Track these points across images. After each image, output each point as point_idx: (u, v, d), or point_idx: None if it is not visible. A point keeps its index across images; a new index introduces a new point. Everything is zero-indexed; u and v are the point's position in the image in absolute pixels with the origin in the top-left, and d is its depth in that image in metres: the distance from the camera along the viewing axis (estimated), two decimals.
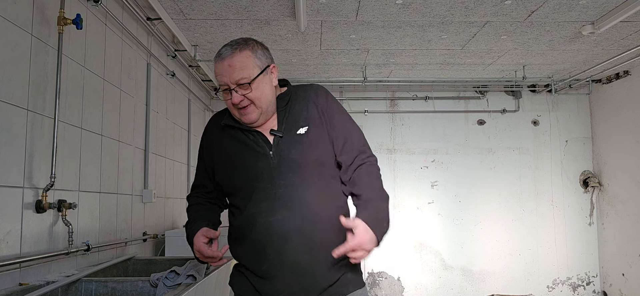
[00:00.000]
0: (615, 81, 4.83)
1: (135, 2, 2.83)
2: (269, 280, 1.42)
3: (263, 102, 1.42)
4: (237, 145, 1.49)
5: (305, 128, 1.44)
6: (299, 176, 1.40)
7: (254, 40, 1.47)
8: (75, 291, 1.93)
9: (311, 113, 1.46)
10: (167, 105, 3.58)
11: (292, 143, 1.42)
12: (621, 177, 4.81)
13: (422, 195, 5.23)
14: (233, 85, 1.40)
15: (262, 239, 1.41)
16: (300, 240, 1.38)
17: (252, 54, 1.41)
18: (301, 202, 1.39)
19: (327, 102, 1.49)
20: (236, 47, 1.41)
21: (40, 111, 1.90)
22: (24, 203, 1.80)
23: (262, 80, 1.42)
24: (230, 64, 1.40)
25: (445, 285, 5.15)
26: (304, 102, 1.48)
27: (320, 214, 1.41)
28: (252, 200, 1.43)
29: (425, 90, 5.24)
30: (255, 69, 1.41)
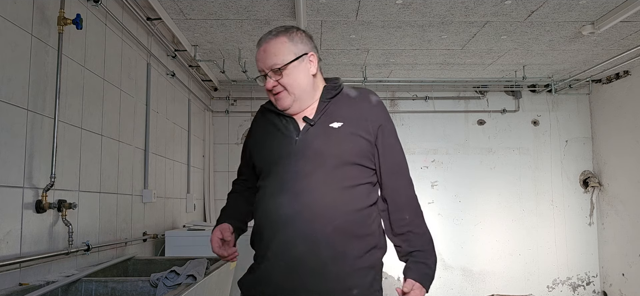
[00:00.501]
0: (615, 81, 4.83)
1: (135, 2, 2.83)
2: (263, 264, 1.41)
3: (296, 89, 1.42)
4: (269, 128, 1.51)
5: (340, 124, 1.40)
6: (314, 165, 1.37)
7: (296, 28, 1.47)
8: (75, 291, 1.93)
9: (353, 114, 1.43)
10: (167, 105, 3.58)
11: (320, 134, 1.40)
12: (621, 177, 4.81)
13: (422, 195, 5.22)
14: (267, 70, 1.42)
15: (262, 221, 1.42)
16: (298, 229, 1.33)
17: (288, 41, 1.42)
18: (307, 190, 1.35)
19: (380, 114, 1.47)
20: (274, 33, 1.44)
21: (40, 111, 1.90)
22: (24, 203, 1.80)
23: (296, 67, 1.42)
24: (265, 50, 1.42)
25: (445, 285, 5.15)
26: (351, 102, 1.46)
27: (328, 209, 1.34)
28: (266, 182, 1.44)
29: (425, 90, 5.24)
30: (289, 55, 1.41)
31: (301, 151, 1.39)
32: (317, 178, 1.36)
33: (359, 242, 1.38)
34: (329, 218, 1.34)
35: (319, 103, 1.45)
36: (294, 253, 1.34)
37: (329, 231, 1.33)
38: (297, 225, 1.34)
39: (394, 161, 1.48)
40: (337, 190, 1.36)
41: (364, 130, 1.41)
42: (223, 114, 5.10)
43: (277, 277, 1.37)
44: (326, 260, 1.33)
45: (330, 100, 1.46)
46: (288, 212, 1.35)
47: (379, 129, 1.44)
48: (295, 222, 1.34)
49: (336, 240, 1.34)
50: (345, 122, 1.40)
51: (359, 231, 1.38)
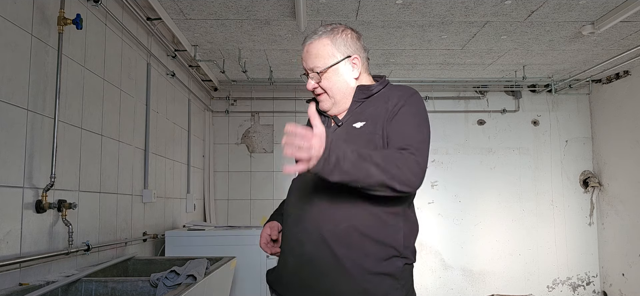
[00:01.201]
0: (615, 81, 4.83)
1: (135, 2, 2.83)
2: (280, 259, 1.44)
3: (335, 93, 1.41)
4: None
5: (363, 123, 1.36)
6: None
7: (343, 27, 1.44)
8: (75, 291, 1.93)
9: (378, 112, 1.36)
10: (167, 105, 3.58)
11: (343, 134, 1.38)
12: (621, 177, 4.81)
13: (422, 195, 5.23)
14: (309, 71, 1.42)
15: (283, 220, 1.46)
16: (307, 227, 1.32)
17: (330, 43, 1.40)
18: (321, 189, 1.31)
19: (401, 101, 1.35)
20: (319, 33, 1.42)
21: (40, 111, 1.90)
22: (24, 203, 1.80)
23: (336, 71, 1.40)
24: (308, 50, 1.42)
25: (445, 285, 5.15)
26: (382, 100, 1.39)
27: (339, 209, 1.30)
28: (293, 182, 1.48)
29: (425, 90, 5.24)
30: (330, 59, 1.40)
31: None
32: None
33: (375, 247, 1.30)
34: (340, 218, 1.30)
35: (351, 104, 1.43)
36: (302, 251, 1.33)
37: (340, 231, 1.29)
38: (308, 223, 1.33)
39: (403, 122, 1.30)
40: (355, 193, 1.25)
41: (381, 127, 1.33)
42: (223, 114, 5.10)
43: (288, 273, 1.38)
44: (334, 260, 1.29)
45: (363, 101, 1.42)
46: (301, 210, 1.36)
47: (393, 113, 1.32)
48: (304, 221, 1.34)
49: (347, 241, 1.29)
50: (368, 121, 1.36)
51: (375, 235, 1.30)
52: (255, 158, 5.07)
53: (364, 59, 1.46)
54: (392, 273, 1.32)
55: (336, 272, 1.29)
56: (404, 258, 1.35)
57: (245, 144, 5.09)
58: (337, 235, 1.30)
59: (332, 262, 1.30)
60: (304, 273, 1.34)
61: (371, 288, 1.29)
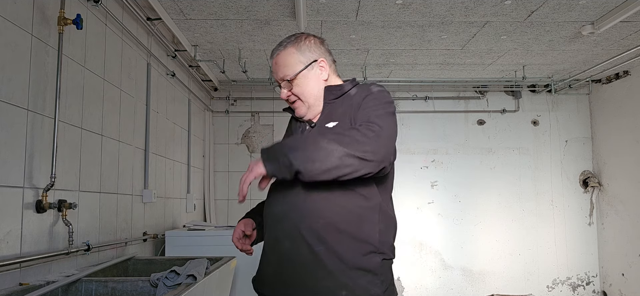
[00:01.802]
0: (615, 81, 4.83)
1: (135, 2, 2.83)
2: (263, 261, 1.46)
3: (308, 97, 1.45)
4: (289, 133, 1.59)
5: (335, 123, 1.41)
6: None
7: (305, 34, 1.50)
8: (75, 291, 1.93)
9: (348, 110, 1.41)
10: (167, 105, 3.58)
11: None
12: (621, 177, 4.81)
13: (422, 195, 5.23)
14: (280, 81, 1.47)
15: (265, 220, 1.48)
16: (285, 226, 1.36)
17: (296, 51, 1.46)
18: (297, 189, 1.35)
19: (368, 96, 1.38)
20: (284, 43, 1.48)
21: (40, 111, 1.90)
22: (24, 203, 1.80)
23: (306, 76, 1.45)
24: (276, 62, 1.48)
25: (445, 285, 5.15)
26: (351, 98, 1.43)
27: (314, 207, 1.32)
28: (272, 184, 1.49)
29: (425, 90, 5.24)
30: (298, 65, 1.45)
31: None
32: None
33: (353, 243, 1.33)
34: (318, 216, 1.32)
35: (324, 105, 1.47)
36: (280, 249, 1.37)
37: (317, 228, 1.31)
38: (286, 223, 1.37)
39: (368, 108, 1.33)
40: (330, 191, 1.31)
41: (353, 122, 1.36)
42: (223, 114, 5.10)
43: (269, 273, 1.41)
44: (313, 257, 1.31)
45: (334, 101, 1.47)
46: (279, 210, 1.39)
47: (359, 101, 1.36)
48: (282, 220, 1.38)
49: (324, 238, 1.31)
50: (340, 121, 1.40)
51: (353, 231, 1.33)
52: (255, 159, 5.07)
53: (330, 62, 1.51)
54: (371, 269, 1.34)
55: (316, 269, 1.32)
56: (381, 253, 1.37)
57: (245, 144, 5.09)
58: (314, 232, 1.32)
59: (311, 259, 1.32)
60: (284, 271, 1.37)
61: (350, 284, 1.31)
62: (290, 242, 1.34)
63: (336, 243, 1.32)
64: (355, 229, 1.34)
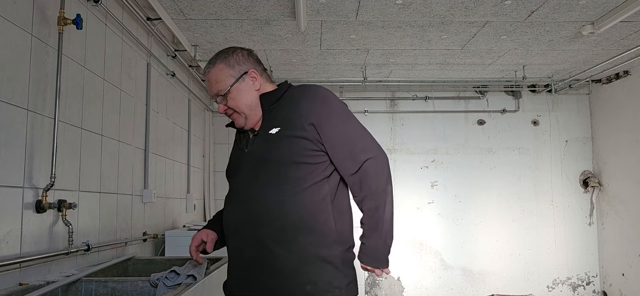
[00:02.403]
0: (615, 81, 4.83)
1: (135, 2, 2.83)
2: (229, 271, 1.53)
3: (243, 108, 1.51)
4: (234, 145, 1.66)
5: (278, 129, 1.44)
6: (256, 172, 1.45)
7: (233, 49, 1.55)
8: (75, 291, 1.93)
9: (289, 115, 1.44)
10: (167, 105, 3.58)
11: (262, 142, 1.47)
12: (621, 177, 4.81)
13: (422, 195, 5.23)
14: (215, 97, 1.54)
15: (224, 232, 1.56)
16: (246, 234, 1.43)
17: (225, 66, 1.51)
18: (252, 196, 1.43)
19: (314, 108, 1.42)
20: (213, 61, 1.53)
21: (40, 111, 1.90)
22: (24, 203, 1.80)
23: (239, 88, 1.51)
24: (209, 79, 1.54)
25: (445, 285, 5.15)
26: (289, 103, 1.48)
27: (271, 211, 1.38)
28: (227, 194, 1.57)
29: (425, 90, 5.24)
30: (229, 79, 1.50)
31: (248, 161, 1.49)
32: (261, 184, 1.43)
33: (311, 237, 1.38)
34: (273, 219, 1.38)
35: (263, 112, 1.52)
36: (244, 257, 1.44)
37: (274, 231, 1.38)
38: (245, 231, 1.43)
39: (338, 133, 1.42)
40: (280, 192, 1.39)
41: (299, 129, 1.41)
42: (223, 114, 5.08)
43: (235, 281, 1.48)
44: (274, 259, 1.38)
45: (271, 107, 1.51)
46: (236, 219, 1.46)
47: (317, 126, 1.41)
48: (243, 228, 1.43)
49: (283, 238, 1.38)
50: (282, 126, 1.44)
51: (310, 227, 1.39)
52: None
53: (260, 71, 1.56)
54: (332, 261, 1.40)
55: (279, 270, 1.38)
56: (341, 243, 1.44)
57: None
58: (272, 236, 1.39)
59: (273, 262, 1.38)
60: (249, 276, 1.43)
61: (314, 278, 1.37)
62: (251, 250, 1.41)
63: (295, 241, 1.38)
64: (310, 224, 1.39)
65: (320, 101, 1.44)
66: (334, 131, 1.42)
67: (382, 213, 1.41)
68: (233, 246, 1.49)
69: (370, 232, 1.44)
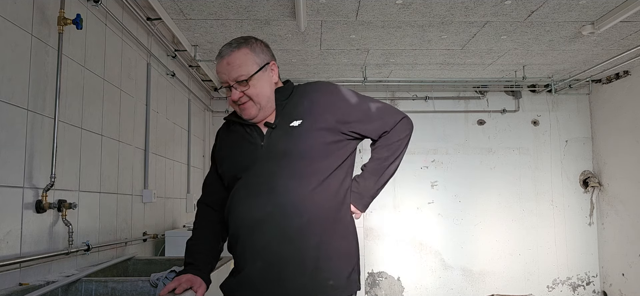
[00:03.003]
0: (615, 81, 4.83)
1: (135, 2, 2.83)
2: (244, 267, 1.42)
3: (261, 99, 1.45)
4: (235, 138, 1.53)
5: (299, 121, 1.43)
6: (280, 166, 1.40)
7: (254, 38, 1.50)
8: (75, 291, 1.93)
9: (306, 108, 1.45)
10: (167, 105, 3.58)
11: (283, 135, 1.43)
12: (621, 177, 4.81)
13: (422, 195, 5.23)
14: (232, 82, 1.43)
15: (236, 228, 1.44)
16: (272, 227, 1.37)
17: (250, 52, 1.45)
18: (277, 190, 1.38)
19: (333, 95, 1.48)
20: (235, 45, 1.45)
21: (40, 111, 1.90)
22: (24, 203, 1.79)
23: (261, 77, 1.45)
24: (229, 62, 1.44)
25: (445, 285, 5.15)
26: (302, 98, 1.49)
27: (299, 204, 1.37)
28: (234, 190, 1.46)
29: (425, 90, 5.24)
30: (253, 66, 1.44)
31: (267, 154, 1.43)
32: (286, 177, 1.39)
33: (335, 232, 1.42)
34: (301, 212, 1.37)
35: (276, 107, 1.48)
36: (271, 251, 1.37)
37: (302, 225, 1.37)
38: (270, 224, 1.38)
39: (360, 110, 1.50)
40: (307, 185, 1.39)
41: (323, 122, 1.43)
42: (223, 114, 5.09)
43: (257, 278, 1.39)
44: (302, 254, 1.36)
45: (285, 102, 1.49)
46: (261, 213, 1.39)
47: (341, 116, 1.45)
48: (268, 222, 1.38)
49: (310, 232, 1.37)
50: (304, 119, 1.43)
51: (334, 220, 1.42)
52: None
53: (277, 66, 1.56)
54: (351, 254, 1.45)
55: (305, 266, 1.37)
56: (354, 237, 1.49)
57: None
58: (299, 230, 1.37)
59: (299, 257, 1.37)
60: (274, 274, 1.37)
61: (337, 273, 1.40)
62: (277, 244, 1.37)
63: (320, 235, 1.38)
64: (334, 217, 1.42)
65: (337, 92, 1.50)
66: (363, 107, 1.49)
67: (388, 164, 1.51)
68: (254, 242, 1.40)
69: (370, 175, 1.51)
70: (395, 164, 1.53)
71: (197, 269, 1.50)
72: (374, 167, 1.51)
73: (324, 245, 1.38)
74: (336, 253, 1.41)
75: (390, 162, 1.52)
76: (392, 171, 1.53)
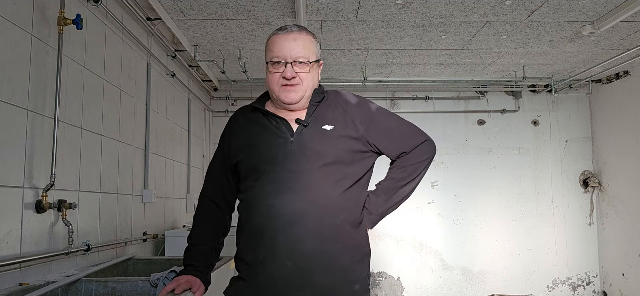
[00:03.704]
0: (615, 81, 4.83)
1: (135, 2, 2.83)
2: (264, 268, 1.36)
3: (309, 87, 1.47)
4: (256, 128, 1.49)
5: (332, 126, 1.45)
6: (313, 164, 1.38)
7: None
8: (75, 291, 1.93)
9: (338, 114, 1.48)
10: (167, 105, 3.58)
11: (315, 135, 1.43)
12: (621, 177, 4.81)
13: (422, 195, 5.23)
14: (291, 59, 1.43)
15: (261, 223, 1.37)
16: (307, 225, 1.34)
17: (315, 41, 1.51)
18: (310, 186, 1.36)
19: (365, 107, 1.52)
20: (303, 29, 1.48)
21: (40, 111, 1.90)
22: (24, 203, 1.80)
23: (315, 68, 1.50)
24: (296, 39, 1.44)
25: (445, 285, 5.15)
26: (333, 105, 1.51)
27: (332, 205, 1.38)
28: (259, 183, 1.41)
29: (425, 90, 5.24)
30: (314, 55, 1.49)
31: (299, 151, 1.41)
32: (319, 176, 1.38)
33: (360, 234, 1.46)
34: (335, 213, 1.38)
35: (309, 106, 1.48)
36: (304, 249, 1.34)
37: (336, 225, 1.38)
38: (305, 222, 1.34)
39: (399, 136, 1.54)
40: (339, 188, 1.41)
41: (353, 131, 1.45)
42: (223, 114, 5.10)
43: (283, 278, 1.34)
44: (335, 254, 1.38)
45: (318, 104, 1.50)
46: (294, 209, 1.35)
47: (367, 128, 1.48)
48: (303, 219, 1.34)
49: (342, 234, 1.39)
50: (335, 125, 1.45)
51: (357, 226, 1.45)
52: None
53: None
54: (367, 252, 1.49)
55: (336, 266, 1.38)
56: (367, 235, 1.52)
57: None
58: (333, 230, 1.38)
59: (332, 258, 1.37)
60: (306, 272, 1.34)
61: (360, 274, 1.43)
62: (312, 242, 1.34)
63: (350, 237, 1.41)
64: (359, 220, 1.46)
65: (366, 104, 1.54)
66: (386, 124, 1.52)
67: (401, 185, 1.52)
68: (288, 239, 1.34)
69: (382, 193, 1.52)
70: (410, 186, 1.53)
71: (197, 270, 1.47)
72: (387, 186, 1.53)
73: (352, 249, 1.41)
74: (361, 256, 1.44)
75: (404, 184, 1.52)
76: (405, 193, 1.53)
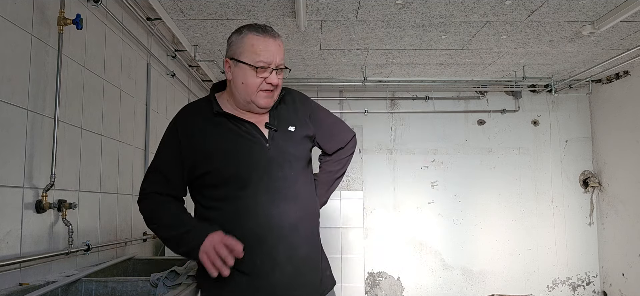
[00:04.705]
0: (615, 81, 4.83)
1: (135, 2, 2.83)
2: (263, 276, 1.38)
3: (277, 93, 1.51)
4: (227, 135, 1.43)
5: (294, 127, 1.50)
6: (294, 170, 1.46)
7: None
8: (75, 291, 1.93)
9: (292, 115, 1.54)
10: (167, 105, 3.58)
11: (285, 139, 1.47)
12: (621, 177, 4.81)
13: (422, 195, 5.23)
14: (275, 66, 1.43)
15: (259, 232, 1.37)
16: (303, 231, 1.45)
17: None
18: (300, 194, 1.46)
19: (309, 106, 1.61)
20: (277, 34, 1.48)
21: (40, 111, 1.90)
22: (24, 203, 1.80)
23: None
24: (280, 45, 1.45)
25: (445, 285, 5.15)
26: (289, 104, 1.56)
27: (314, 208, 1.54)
28: (247, 192, 1.38)
29: (425, 90, 5.24)
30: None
31: (279, 156, 1.42)
32: (302, 182, 1.48)
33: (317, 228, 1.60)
34: (316, 215, 1.56)
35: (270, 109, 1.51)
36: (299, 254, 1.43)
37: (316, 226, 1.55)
38: (300, 229, 1.43)
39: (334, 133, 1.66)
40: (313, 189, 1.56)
41: (308, 129, 1.55)
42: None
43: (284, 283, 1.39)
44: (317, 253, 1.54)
45: (277, 105, 1.53)
46: (292, 219, 1.42)
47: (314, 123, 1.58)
48: (298, 227, 1.43)
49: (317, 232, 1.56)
50: (296, 125, 1.50)
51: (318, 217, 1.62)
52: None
53: None
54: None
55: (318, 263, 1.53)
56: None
57: None
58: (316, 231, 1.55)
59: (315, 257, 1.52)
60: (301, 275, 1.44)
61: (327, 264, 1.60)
62: (305, 247, 1.45)
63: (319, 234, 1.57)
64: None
65: (311, 101, 1.65)
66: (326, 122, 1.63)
67: (337, 177, 1.67)
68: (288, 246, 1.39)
69: (323, 185, 1.65)
70: (342, 177, 1.70)
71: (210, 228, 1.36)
72: (325, 179, 1.65)
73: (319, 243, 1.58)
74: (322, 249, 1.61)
75: (340, 176, 1.67)
76: (338, 183, 1.69)
